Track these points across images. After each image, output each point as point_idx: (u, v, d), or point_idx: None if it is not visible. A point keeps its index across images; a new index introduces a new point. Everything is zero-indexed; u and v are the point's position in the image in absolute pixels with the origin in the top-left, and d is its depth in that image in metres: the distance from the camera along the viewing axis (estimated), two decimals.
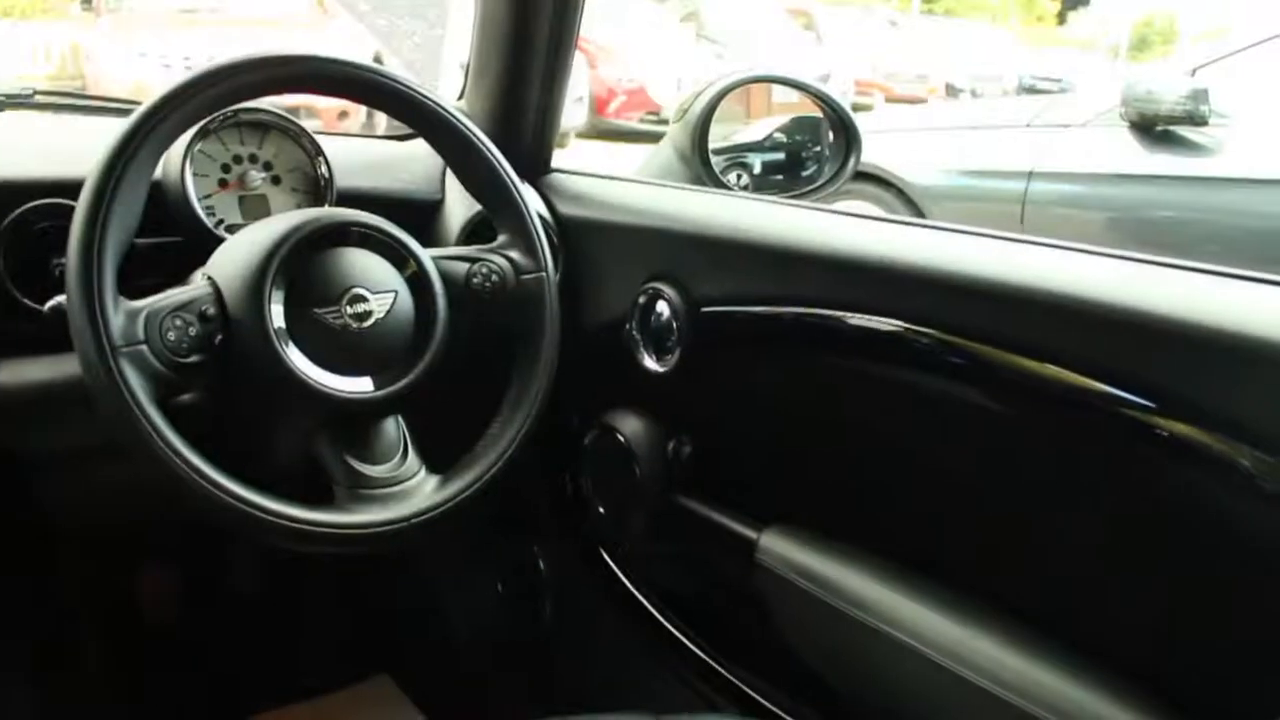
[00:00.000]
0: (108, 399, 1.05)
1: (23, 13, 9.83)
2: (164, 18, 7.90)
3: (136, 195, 1.09)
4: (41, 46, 8.46)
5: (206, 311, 1.11)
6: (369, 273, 1.17)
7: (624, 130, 8.32)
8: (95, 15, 8.17)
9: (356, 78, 1.21)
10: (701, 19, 11.21)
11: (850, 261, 1.22)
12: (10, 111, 1.67)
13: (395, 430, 1.20)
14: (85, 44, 8.09)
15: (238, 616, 2.03)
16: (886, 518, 1.24)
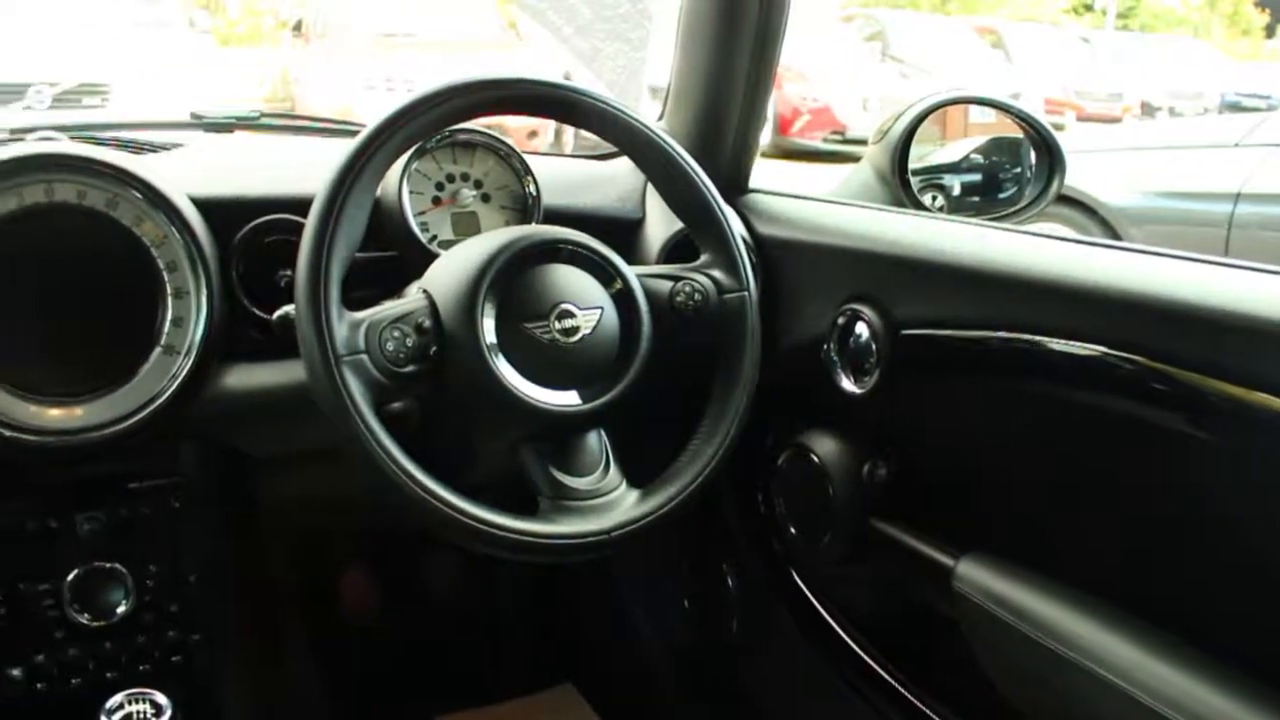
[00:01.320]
0: (330, 404, 1.10)
1: (240, 41, 10.41)
2: (366, 43, 8.26)
3: (361, 212, 1.15)
4: (256, 71, 8.94)
5: (422, 324, 1.16)
6: (577, 289, 1.21)
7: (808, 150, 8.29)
8: (305, 42, 8.60)
9: (567, 99, 1.25)
10: (887, 38, 11.09)
11: (1053, 285, 1.19)
12: (240, 132, 1.78)
13: (598, 444, 1.23)
14: (294, 68, 8.51)
15: (430, 620, 2.10)
16: (1089, 550, 1.20)
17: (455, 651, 2.09)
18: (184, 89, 7.15)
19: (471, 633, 2.12)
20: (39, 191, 1.26)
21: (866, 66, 10.26)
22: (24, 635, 1.33)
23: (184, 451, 1.37)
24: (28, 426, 1.24)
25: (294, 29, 9.18)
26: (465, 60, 7.49)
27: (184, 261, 1.30)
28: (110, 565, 1.34)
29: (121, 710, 1.19)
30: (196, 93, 7.09)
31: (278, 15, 10.66)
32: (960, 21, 12.76)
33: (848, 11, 11.68)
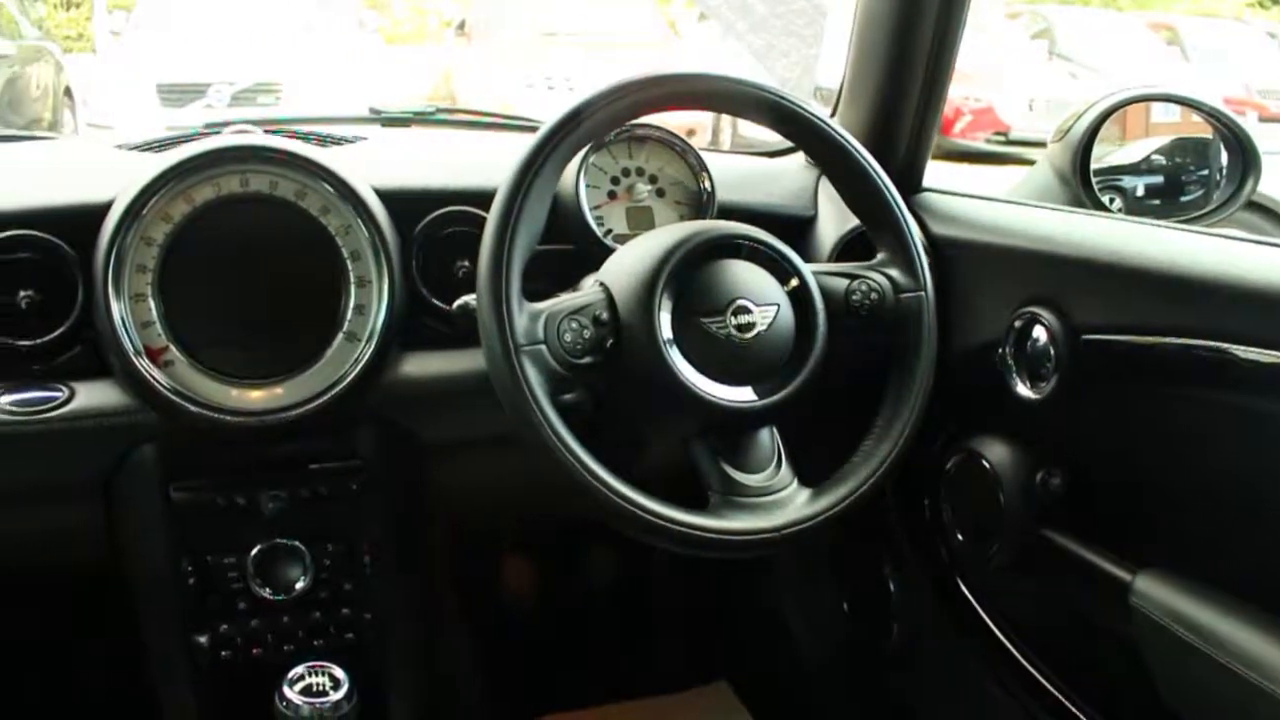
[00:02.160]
0: (509, 393, 1.12)
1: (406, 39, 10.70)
2: (527, 42, 8.40)
3: (541, 205, 1.17)
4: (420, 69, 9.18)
5: (600, 316, 1.17)
6: (753, 285, 1.20)
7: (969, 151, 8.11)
8: (467, 40, 8.80)
9: (747, 94, 1.25)
10: (1055, 36, 10.75)
11: (1245, 290, 1.13)
12: (417, 127, 1.82)
13: (770, 441, 1.22)
14: (456, 66, 8.70)
15: (586, 611, 2.12)
16: (1277, 570, 1.15)
17: (610, 643, 2.11)
18: (351, 87, 7.38)
19: (627, 625, 2.13)
20: (234, 182, 1.32)
21: (1032, 65, 9.98)
22: (211, 605, 1.39)
23: (363, 435, 1.41)
24: (226, 408, 1.30)
25: (457, 28, 9.39)
26: (624, 59, 7.55)
27: (367, 251, 1.34)
28: (291, 543, 1.39)
29: (302, 681, 1.23)
30: (363, 90, 7.31)
31: (442, 15, 10.93)
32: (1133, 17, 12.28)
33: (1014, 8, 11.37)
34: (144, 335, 1.28)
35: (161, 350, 1.29)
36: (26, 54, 7.58)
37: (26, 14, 8.35)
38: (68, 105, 7.95)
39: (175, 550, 1.38)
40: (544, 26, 8.62)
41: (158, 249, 1.29)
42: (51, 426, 1.29)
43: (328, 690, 1.22)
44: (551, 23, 8.64)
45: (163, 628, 1.42)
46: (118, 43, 8.46)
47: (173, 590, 1.39)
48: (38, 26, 8.54)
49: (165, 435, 1.34)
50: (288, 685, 1.22)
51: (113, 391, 1.32)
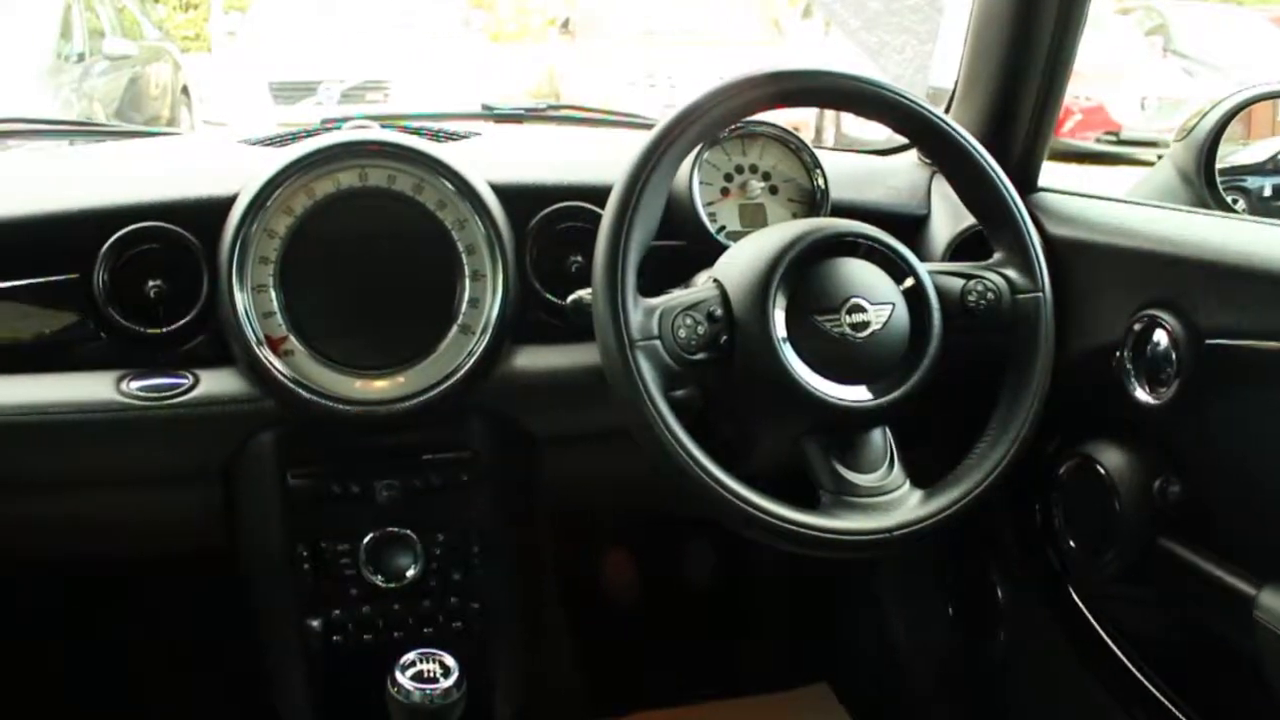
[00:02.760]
0: (622, 388, 1.13)
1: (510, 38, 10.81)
2: (630, 40, 8.43)
3: (658, 201, 1.18)
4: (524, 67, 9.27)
5: (714, 312, 1.17)
6: (869, 284, 1.20)
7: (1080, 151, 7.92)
8: (571, 38, 8.86)
9: (864, 91, 1.24)
10: (1170, 32, 10.46)
11: None
12: (529, 124, 1.84)
13: (882, 441, 1.21)
14: (559, 65, 8.77)
15: (688, 608, 2.12)
16: None
17: (709, 641, 2.11)
18: (456, 85, 7.48)
19: (726, 623, 2.13)
20: (354, 176, 1.35)
21: (1145, 63, 9.72)
22: (324, 591, 1.42)
23: (474, 427, 1.43)
24: (343, 398, 1.33)
25: (561, 26, 9.47)
26: (727, 57, 7.54)
27: (482, 245, 1.36)
28: (402, 531, 1.41)
29: (414, 667, 1.25)
30: (468, 88, 7.41)
31: (546, 13, 11.02)
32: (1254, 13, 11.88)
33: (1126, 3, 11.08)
34: (265, 325, 1.32)
35: (281, 340, 1.32)
36: (147, 54, 7.82)
37: (148, 15, 8.61)
38: (184, 103, 8.19)
39: (291, 536, 1.41)
40: (646, 25, 8.65)
41: (279, 241, 1.32)
42: (176, 412, 1.33)
43: (438, 677, 1.24)
44: (654, 21, 8.67)
45: (278, 611, 1.46)
46: (233, 43, 8.70)
47: (288, 575, 1.42)
48: (158, 27, 8.80)
49: (284, 423, 1.37)
50: (399, 670, 1.24)
51: (234, 379, 1.36)
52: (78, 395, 1.33)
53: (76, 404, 1.33)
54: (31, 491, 1.43)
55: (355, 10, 8.22)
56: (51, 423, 1.33)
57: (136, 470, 1.41)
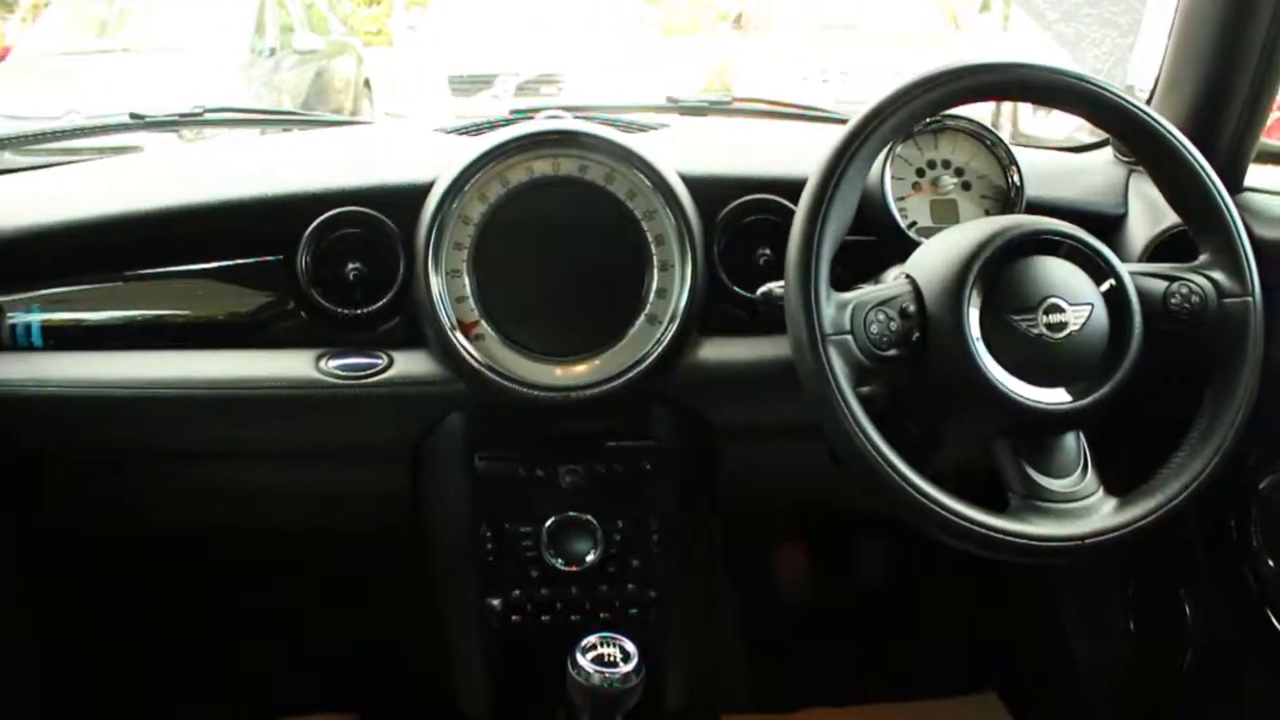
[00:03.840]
0: (813, 382, 1.12)
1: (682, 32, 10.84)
2: (803, 35, 8.35)
3: (853, 195, 1.17)
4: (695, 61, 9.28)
5: (906, 309, 1.16)
6: (1067, 284, 1.16)
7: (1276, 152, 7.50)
8: (743, 33, 8.84)
9: (1065, 85, 1.20)
10: None
11: None
12: (713, 116, 1.85)
13: (1076, 445, 1.18)
14: (731, 59, 8.75)
15: (858, 606, 2.10)
16: None
17: (877, 641, 2.09)
18: (629, 78, 7.54)
19: (896, 624, 2.10)
20: (547, 165, 1.37)
21: None
22: (505, 571, 1.46)
23: (658, 416, 1.44)
24: (531, 382, 1.35)
25: (734, 21, 9.45)
26: (902, 52, 7.41)
27: (671, 235, 1.37)
28: (584, 516, 1.43)
29: (594, 651, 1.26)
30: (640, 82, 7.46)
31: (718, 7, 11.00)
32: None
33: None
34: (458, 309, 1.35)
35: (473, 324, 1.35)
36: (333, 49, 8.13)
37: (334, 11, 8.94)
38: (366, 96, 8.47)
39: (476, 516, 1.44)
40: (821, 19, 8.55)
41: (474, 227, 1.36)
42: (371, 391, 1.38)
43: (618, 661, 1.25)
44: (828, 15, 8.56)
45: (459, 589, 1.50)
46: (414, 37, 8.96)
47: (471, 554, 1.45)
48: (343, 23, 9.13)
49: (473, 406, 1.40)
50: (580, 653, 1.26)
51: (427, 361, 1.40)
52: (279, 371, 1.39)
53: (278, 380, 1.39)
54: (229, 461, 1.50)
55: (531, 5, 8.37)
56: (253, 397, 1.39)
57: (330, 445, 1.46)
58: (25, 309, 1.44)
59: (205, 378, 1.39)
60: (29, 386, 1.38)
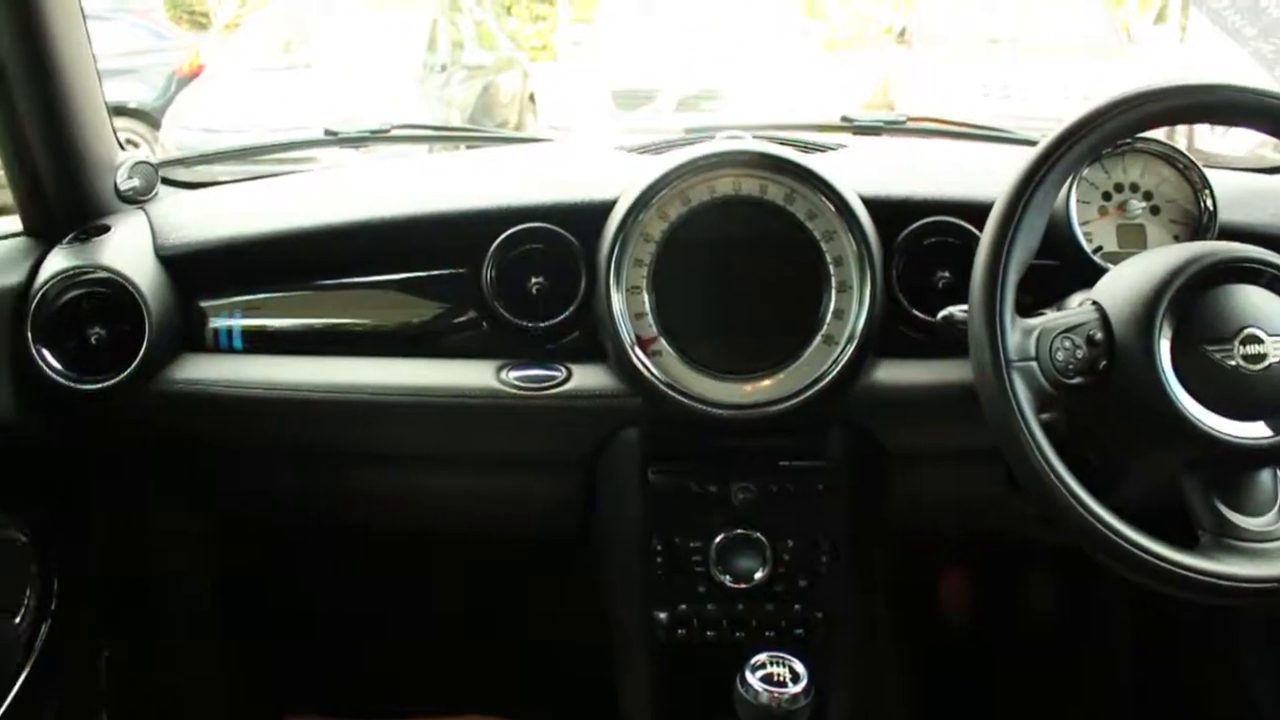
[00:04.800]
0: (996, 408, 1.11)
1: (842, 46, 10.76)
2: (970, 49, 8.21)
3: (1040, 220, 1.15)
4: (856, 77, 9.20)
5: (1093, 336, 1.14)
6: (1267, 314, 1.12)
7: None
8: (908, 47, 8.72)
9: (1271, 107, 1.16)
10: None
11: None
12: (887, 136, 1.83)
13: (1272, 483, 1.13)
14: (894, 74, 8.64)
15: (1018, 637, 2.05)
16: None
17: (1042, 672, 2.03)
18: (788, 94, 7.51)
19: (1062, 657, 2.04)
20: (728, 184, 1.39)
21: None
22: (674, 585, 1.47)
23: (831, 437, 1.44)
24: (708, 400, 1.37)
25: (898, 35, 9.33)
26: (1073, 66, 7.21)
27: (850, 257, 1.37)
28: (753, 534, 1.44)
29: (764, 669, 1.27)
30: (800, 97, 7.43)
31: (881, 21, 10.89)
32: None
33: None
34: (637, 325, 1.38)
35: (651, 340, 1.38)
36: (500, 64, 8.33)
37: (502, 27, 9.16)
38: (530, 110, 8.65)
39: (648, 529, 1.46)
40: (989, 32, 8.38)
41: (654, 245, 1.38)
42: (551, 403, 1.41)
43: (787, 681, 1.26)
44: (997, 28, 8.39)
45: (628, 600, 1.52)
46: (578, 52, 9.11)
47: (641, 567, 1.47)
48: (510, 39, 9.35)
49: (648, 420, 1.43)
50: (749, 670, 1.27)
51: (605, 375, 1.43)
52: (462, 381, 1.44)
53: (461, 389, 1.44)
54: (408, 465, 1.56)
55: (693, 21, 8.42)
56: (437, 404, 1.44)
57: (507, 454, 1.51)
58: (227, 314, 1.52)
59: (393, 384, 1.45)
60: (231, 387, 1.46)
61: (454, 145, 2.50)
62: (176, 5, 11.10)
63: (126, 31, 7.81)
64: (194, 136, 6.23)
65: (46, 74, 1.43)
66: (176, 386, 1.45)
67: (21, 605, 1.43)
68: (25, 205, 1.52)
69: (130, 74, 7.38)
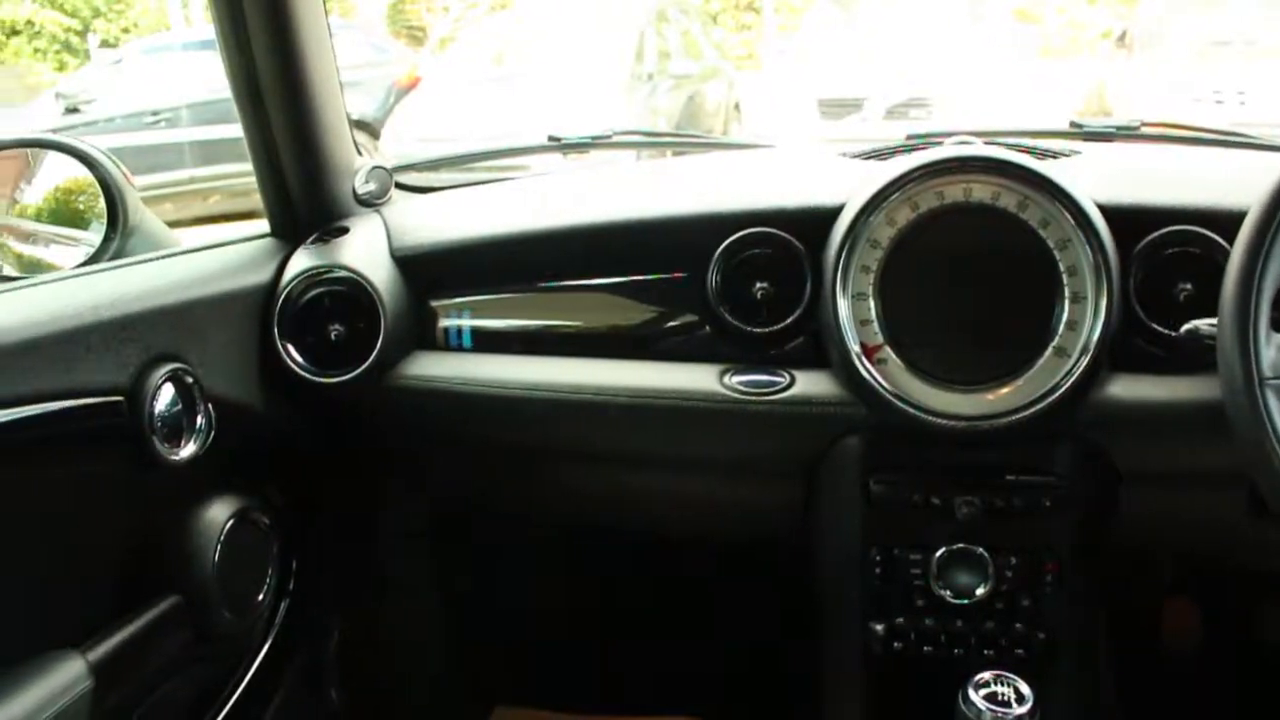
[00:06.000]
0: (1248, 428, 1.05)
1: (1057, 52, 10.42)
2: (1197, 51, 7.81)
3: None
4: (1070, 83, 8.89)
5: None
6: None
7: None
8: (1128, 52, 8.38)
9: None
10: None
11: None
12: (1120, 142, 1.76)
13: None
14: (1111, 80, 8.32)
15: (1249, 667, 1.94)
16: None
17: (1264, 705, 1.91)
18: (1000, 101, 7.32)
19: None
20: (958, 190, 1.36)
21: None
22: (891, 597, 1.45)
23: (1060, 452, 1.39)
24: (933, 410, 1.34)
25: (1117, 39, 8.96)
26: None
27: (1085, 267, 1.32)
28: (976, 549, 1.40)
29: (988, 688, 1.23)
30: (1011, 106, 7.23)
31: (1099, 26, 10.48)
32: None
33: None
34: (862, 333, 1.36)
35: (876, 348, 1.36)
36: (705, 73, 8.37)
37: (708, 36, 9.21)
38: (735, 119, 8.67)
39: (867, 539, 1.44)
40: (1216, 34, 7.96)
41: (881, 251, 1.36)
42: (774, 409, 1.41)
43: (1011, 702, 1.22)
44: (1226, 30, 7.95)
45: (843, 610, 1.50)
46: (784, 61, 9.09)
47: (859, 577, 1.46)
48: (715, 48, 9.38)
49: (871, 429, 1.41)
50: (972, 688, 1.23)
51: (828, 382, 1.42)
52: (685, 384, 1.45)
53: (684, 392, 1.45)
54: (626, 466, 1.58)
55: (900, 28, 8.29)
56: (660, 407, 1.46)
57: (726, 458, 1.51)
58: (456, 314, 1.58)
59: (615, 385, 1.47)
60: (460, 384, 1.51)
61: (661, 152, 2.53)
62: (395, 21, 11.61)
63: (350, 46, 8.21)
64: (411, 146, 6.50)
65: (297, 87, 1.51)
66: (409, 382, 1.51)
67: (264, 584, 1.51)
68: (272, 208, 1.61)
69: (354, 87, 7.74)
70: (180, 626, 1.37)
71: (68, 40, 14.44)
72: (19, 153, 1.62)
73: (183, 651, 1.39)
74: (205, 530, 1.40)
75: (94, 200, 1.56)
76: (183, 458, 1.31)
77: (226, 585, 1.40)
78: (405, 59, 8.94)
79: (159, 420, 1.28)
